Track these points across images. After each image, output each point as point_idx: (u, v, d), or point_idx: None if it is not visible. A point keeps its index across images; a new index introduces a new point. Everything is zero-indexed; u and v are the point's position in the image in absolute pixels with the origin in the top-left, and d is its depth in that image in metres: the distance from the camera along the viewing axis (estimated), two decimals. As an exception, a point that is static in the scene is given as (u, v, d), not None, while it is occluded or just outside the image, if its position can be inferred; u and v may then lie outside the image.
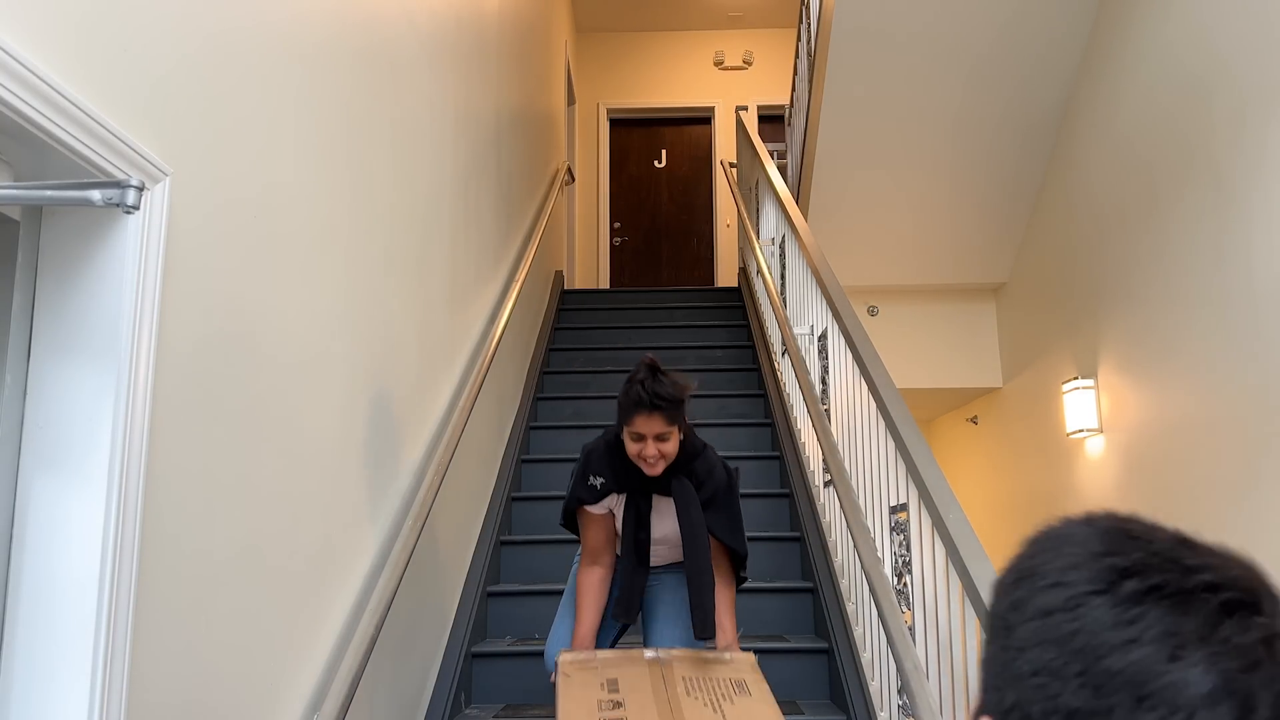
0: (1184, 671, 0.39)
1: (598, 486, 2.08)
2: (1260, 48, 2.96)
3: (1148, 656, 0.40)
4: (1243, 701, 0.39)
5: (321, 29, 1.76)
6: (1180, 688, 0.39)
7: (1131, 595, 0.41)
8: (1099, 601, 0.42)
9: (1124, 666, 0.40)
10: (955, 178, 4.78)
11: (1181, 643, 0.40)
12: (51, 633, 1.03)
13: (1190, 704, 0.39)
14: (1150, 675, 0.39)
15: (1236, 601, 0.41)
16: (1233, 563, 0.43)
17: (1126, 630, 0.40)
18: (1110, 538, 0.45)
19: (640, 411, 1.94)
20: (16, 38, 0.94)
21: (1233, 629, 0.40)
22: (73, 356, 1.08)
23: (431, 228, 2.58)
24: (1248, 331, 3.04)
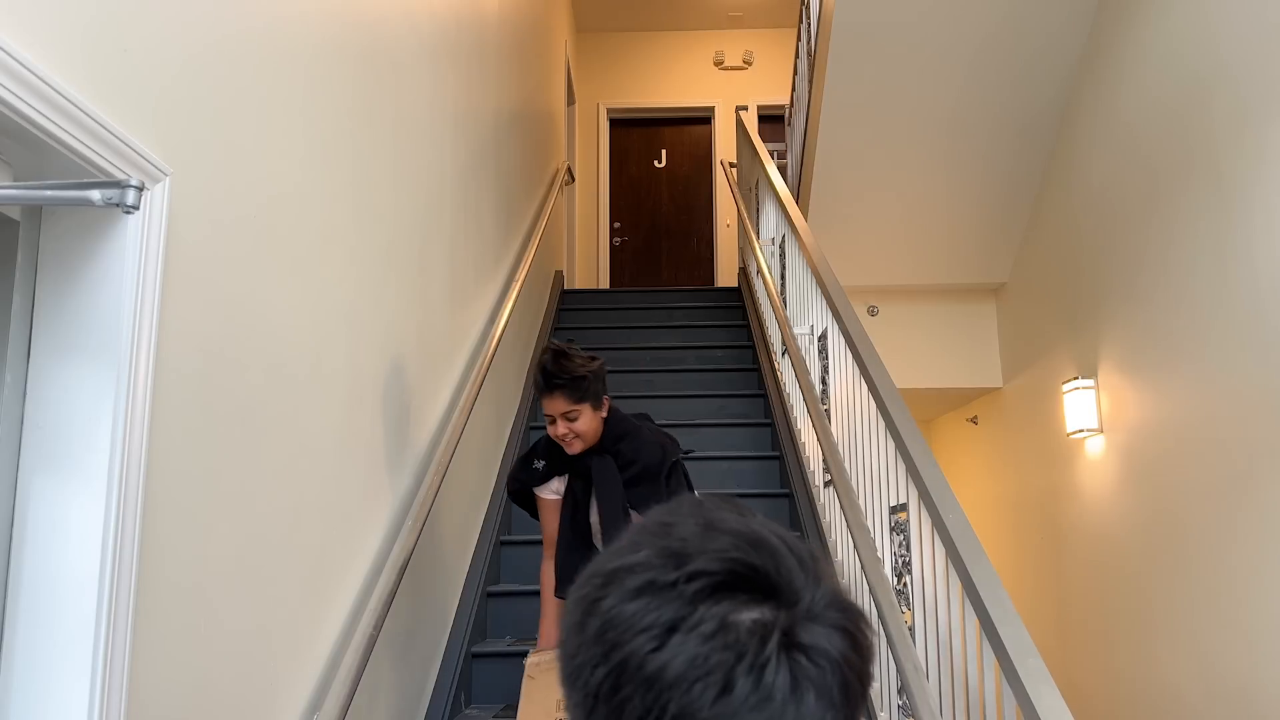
0: (663, 656, 0.42)
1: (539, 469, 2.16)
2: (1262, 46, 2.96)
3: (636, 649, 0.42)
4: (717, 682, 0.41)
5: (322, 29, 1.76)
6: (660, 671, 0.41)
7: (629, 592, 0.44)
8: (608, 601, 0.44)
9: (621, 660, 0.43)
10: (955, 177, 4.78)
11: (660, 632, 0.42)
12: (51, 632, 1.03)
13: (667, 688, 0.41)
14: (638, 666, 0.42)
15: (723, 584, 0.43)
16: (746, 541, 0.45)
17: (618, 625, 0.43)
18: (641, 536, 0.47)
19: (543, 394, 2.03)
20: (16, 38, 0.94)
21: (707, 613, 0.42)
22: (73, 356, 1.08)
23: (431, 228, 2.58)
24: (1249, 332, 3.04)
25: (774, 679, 0.41)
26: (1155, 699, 3.61)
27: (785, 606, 0.44)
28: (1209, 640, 3.25)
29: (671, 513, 0.49)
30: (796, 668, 0.42)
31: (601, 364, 2.11)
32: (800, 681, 0.42)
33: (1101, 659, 4.09)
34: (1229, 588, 3.15)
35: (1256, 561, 3.00)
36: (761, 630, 0.42)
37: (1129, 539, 3.84)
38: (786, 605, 0.44)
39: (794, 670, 0.42)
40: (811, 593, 0.45)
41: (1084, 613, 4.29)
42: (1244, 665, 3.06)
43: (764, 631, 0.42)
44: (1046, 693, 1.40)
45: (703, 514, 0.48)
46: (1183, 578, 3.42)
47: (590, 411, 2.06)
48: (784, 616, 0.43)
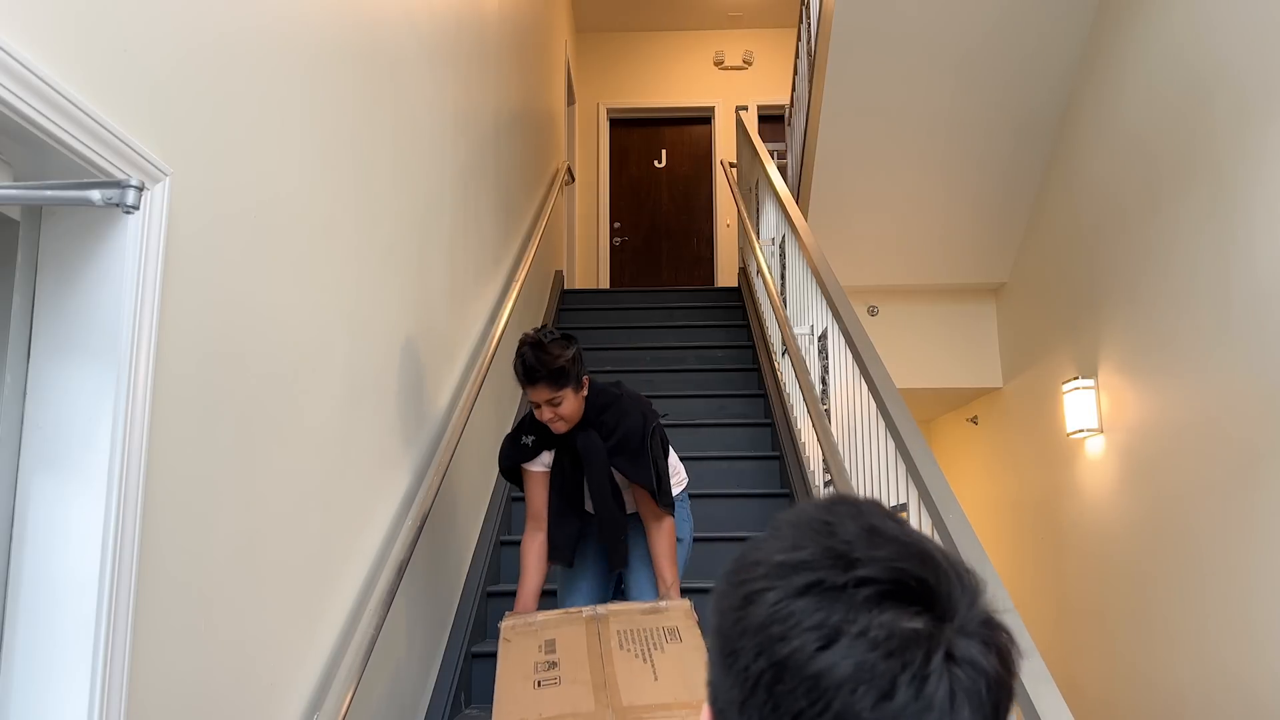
0: (826, 659, 0.43)
1: (529, 444, 2.27)
2: (1262, 47, 2.96)
3: (802, 646, 0.44)
4: (881, 688, 0.42)
5: (322, 29, 1.76)
6: (823, 675, 0.43)
7: (795, 590, 0.45)
8: (770, 597, 0.46)
9: (785, 655, 0.44)
10: (956, 177, 4.78)
11: (829, 634, 0.44)
12: (51, 632, 1.03)
13: (831, 691, 0.43)
14: (803, 663, 0.44)
15: (888, 593, 0.45)
16: (908, 552, 0.47)
17: (782, 622, 0.45)
18: (800, 531, 0.48)
19: (525, 384, 2.14)
20: (16, 38, 0.94)
21: (874, 620, 0.44)
22: (73, 356, 1.08)
23: (431, 228, 2.58)
24: (1249, 332, 3.04)
25: (935, 690, 0.43)
26: (1155, 698, 3.61)
27: (945, 620, 0.45)
28: (1209, 639, 3.25)
29: (830, 511, 0.50)
30: (955, 680, 0.44)
31: (577, 348, 2.19)
32: (957, 694, 0.44)
33: (1101, 658, 4.09)
34: (1229, 587, 3.15)
35: (1257, 561, 3.00)
36: (926, 642, 0.44)
37: (1129, 539, 3.84)
38: (946, 618, 0.45)
39: (953, 683, 0.44)
40: (968, 608, 0.46)
41: (1084, 612, 4.29)
42: (1244, 664, 3.06)
43: (929, 643, 0.44)
44: (1046, 693, 1.40)
45: (864, 518, 0.49)
46: (1183, 577, 3.42)
47: (572, 394, 2.16)
48: (943, 631, 0.45)
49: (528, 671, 1.93)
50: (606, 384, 2.34)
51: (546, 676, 1.91)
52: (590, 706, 1.82)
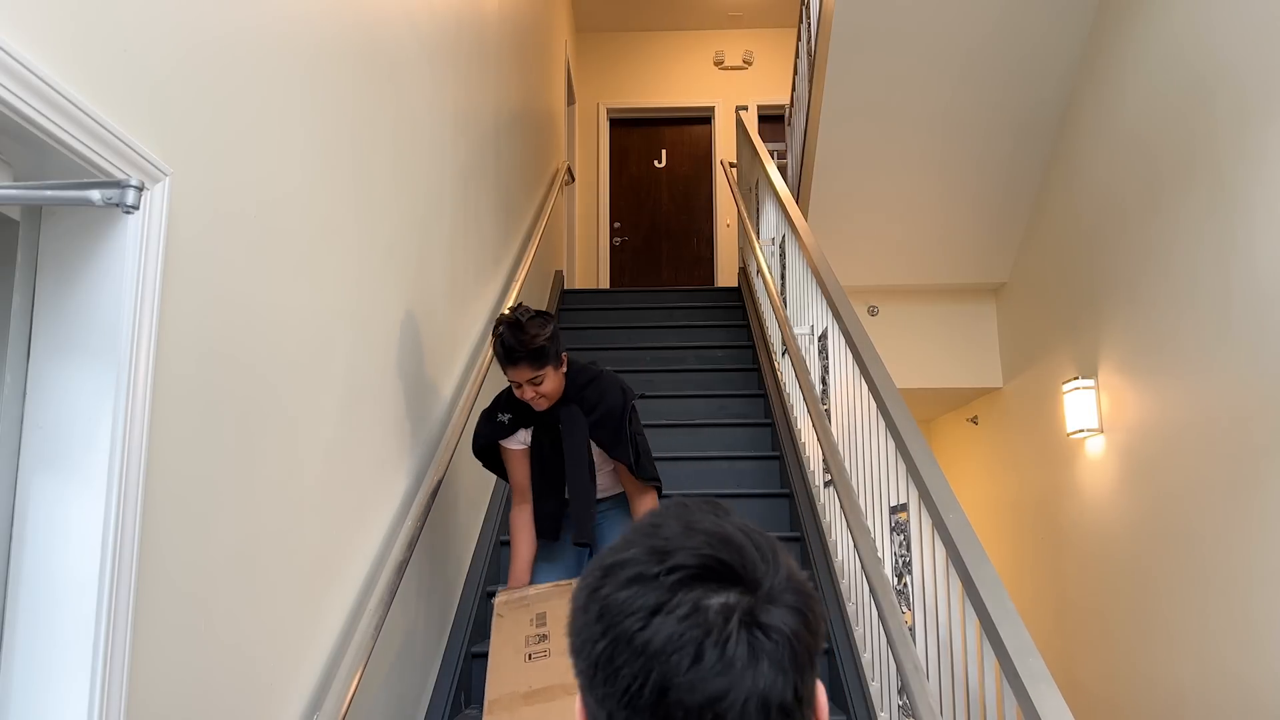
0: (647, 634, 0.52)
1: (505, 422, 2.28)
2: (1263, 48, 2.96)
3: (628, 626, 0.53)
4: (690, 653, 0.51)
5: (322, 29, 1.76)
6: (645, 646, 0.52)
7: (622, 582, 0.55)
8: (606, 590, 0.55)
9: (616, 635, 0.53)
10: (956, 177, 4.78)
11: (646, 614, 0.53)
12: (51, 632, 1.03)
13: (652, 657, 0.52)
14: (629, 638, 0.53)
15: (695, 576, 0.54)
16: (718, 540, 0.56)
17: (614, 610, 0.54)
18: (632, 535, 0.58)
19: (505, 365, 2.15)
20: (16, 38, 0.94)
21: (683, 599, 0.53)
22: (73, 356, 1.08)
23: (431, 228, 2.58)
24: (1249, 332, 3.04)
25: (735, 650, 0.52)
26: (1156, 698, 3.61)
27: (749, 592, 0.54)
28: (1209, 639, 3.25)
29: (659, 516, 0.59)
30: (754, 641, 0.52)
31: (554, 325, 2.21)
32: (757, 652, 0.52)
33: (1102, 658, 4.09)
34: (1229, 587, 3.15)
35: (1257, 561, 3.00)
36: (726, 612, 0.53)
37: (1129, 539, 3.84)
38: (750, 591, 0.54)
39: (752, 643, 0.52)
40: (771, 580, 0.55)
41: (1084, 612, 4.29)
42: (1244, 664, 3.06)
43: (728, 613, 0.53)
44: (1046, 693, 1.40)
45: (685, 516, 0.58)
46: (1183, 577, 3.43)
47: (553, 372, 2.18)
48: (746, 600, 0.54)
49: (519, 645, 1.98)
50: (585, 363, 2.37)
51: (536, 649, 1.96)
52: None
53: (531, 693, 1.86)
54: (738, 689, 0.52)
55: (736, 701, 0.51)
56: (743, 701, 0.52)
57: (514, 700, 1.84)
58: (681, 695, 0.52)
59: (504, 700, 1.85)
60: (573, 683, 1.75)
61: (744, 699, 0.52)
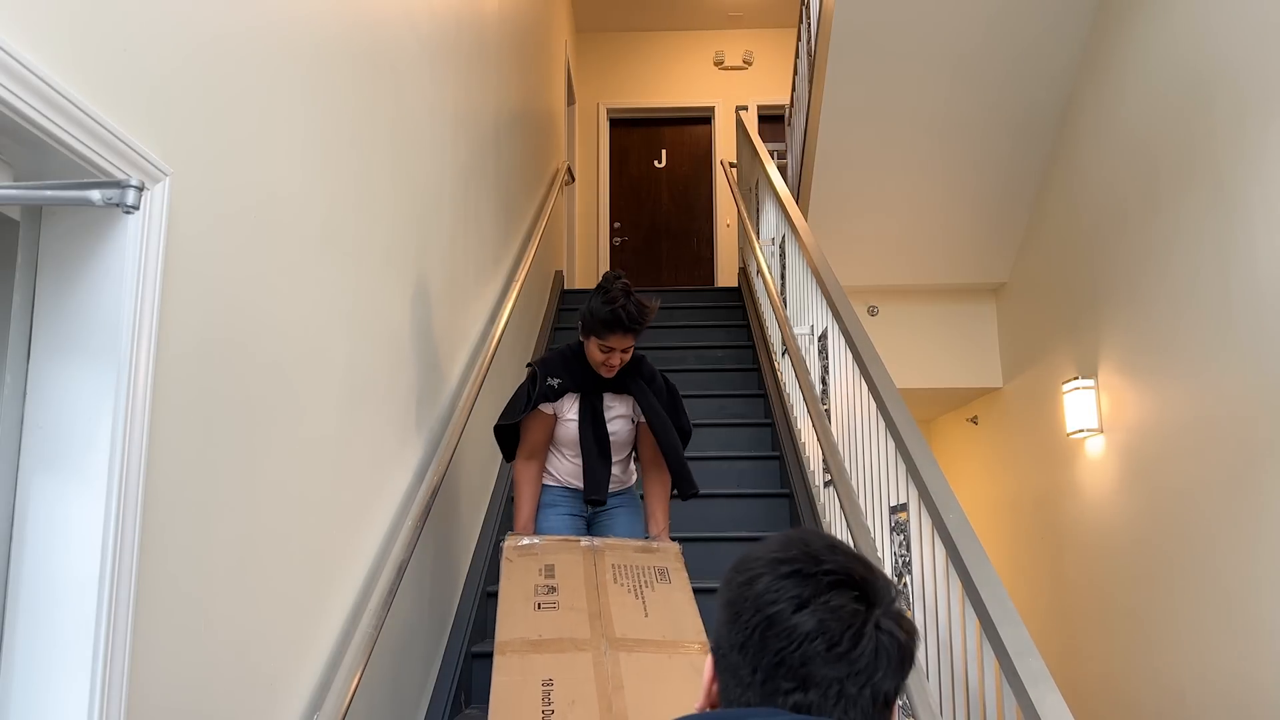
0: (799, 618, 0.68)
1: (555, 386, 2.36)
2: (1262, 48, 2.96)
3: (784, 608, 0.69)
4: (830, 638, 0.67)
5: (322, 29, 1.76)
6: (796, 627, 0.68)
7: (782, 574, 0.70)
8: (765, 578, 0.71)
9: (774, 614, 0.69)
10: (955, 177, 4.78)
11: (801, 602, 0.68)
12: (51, 633, 1.03)
13: (800, 637, 0.67)
14: (784, 619, 0.68)
15: (840, 582, 0.69)
16: (854, 561, 0.71)
17: (773, 593, 0.70)
18: (784, 542, 0.74)
19: (619, 330, 2.26)
20: (16, 37, 0.94)
21: (832, 597, 0.68)
22: (73, 356, 1.08)
23: (431, 228, 2.58)
24: (1249, 332, 3.04)
25: (865, 644, 0.67)
26: (1155, 698, 3.61)
27: (874, 605, 0.70)
28: (1209, 640, 3.25)
29: (803, 534, 0.75)
30: (879, 640, 0.68)
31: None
32: (879, 649, 0.68)
33: (1101, 659, 4.09)
34: (1228, 587, 3.15)
35: (1256, 561, 3.00)
36: (862, 614, 0.68)
37: (1129, 539, 3.84)
38: (875, 604, 0.70)
39: (877, 642, 0.68)
40: (889, 600, 0.71)
41: (1084, 613, 4.29)
42: (1244, 664, 3.06)
43: (864, 615, 0.68)
44: (1046, 693, 1.40)
45: (825, 539, 0.74)
46: (1182, 577, 3.43)
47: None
48: (874, 611, 0.69)
49: (528, 593, 2.05)
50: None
51: (546, 600, 2.03)
52: (586, 634, 1.95)
53: (541, 641, 1.92)
54: (861, 675, 0.67)
55: (858, 684, 0.67)
56: (861, 685, 0.67)
57: (524, 645, 1.91)
58: (820, 669, 0.67)
59: (514, 644, 1.91)
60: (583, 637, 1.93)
61: (863, 683, 0.67)
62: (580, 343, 2.41)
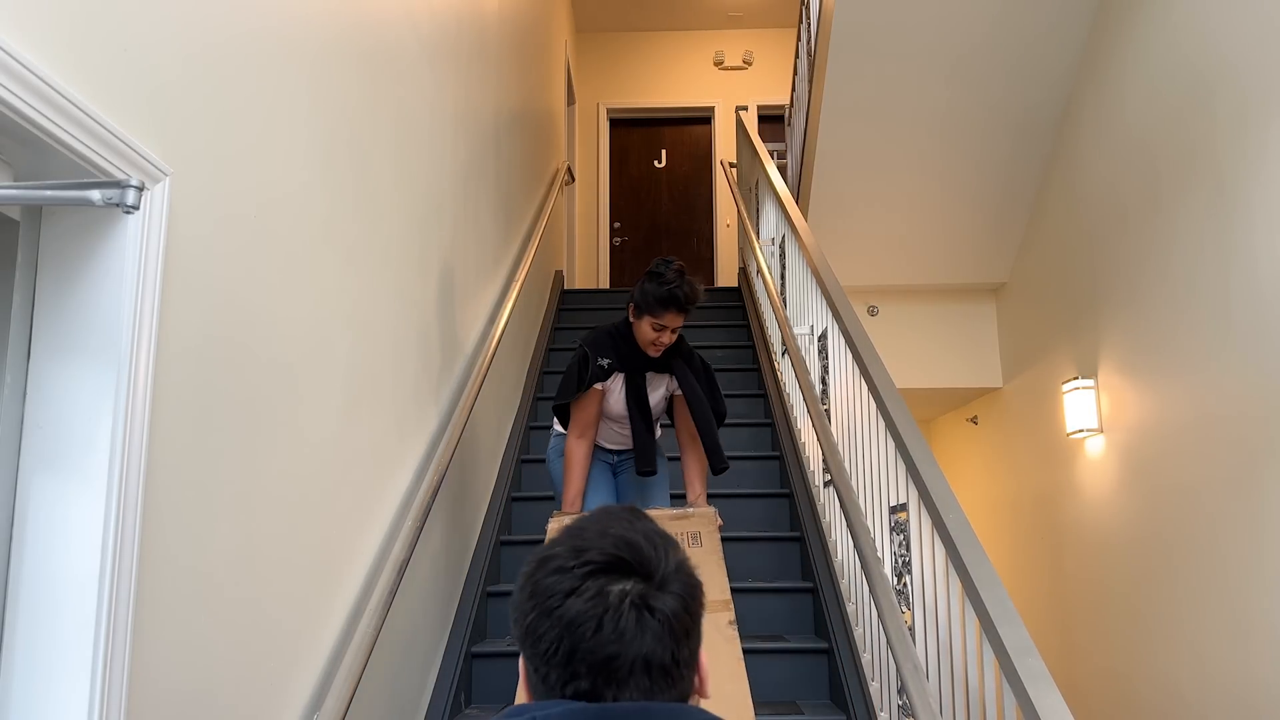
0: (563, 610, 0.72)
1: (605, 366, 2.50)
2: (1263, 47, 2.96)
3: (550, 602, 0.73)
4: (593, 625, 0.71)
5: (323, 29, 1.76)
6: (563, 614, 0.72)
7: (548, 572, 0.75)
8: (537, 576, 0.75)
9: (543, 610, 0.73)
10: (955, 177, 4.78)
11: (563, 595, 0.73)
12: (51, 632, 1.03)
13: (565, 625, 0.72)
14: (551, 612, 0.73)
15: (601, 569, 0.73)
16: (622, 542, 0.75)
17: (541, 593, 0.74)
18: (561, 536, 0.78)
19: (673, 308, 2.42)
20: (16, 38, 0.94)
21: (589, 585, 0.73)
22: (73, 356, 1.08)
23: (431, 228, 2.58)
24: (1249, 332, 3.04)
25: (625, 624, 0.71)
26: (1154, 698, 3.61)
27: (643, 581, 0.74)
28: (1208, 639, 3.26)
29: (584, 521, 0.78)
30: (641, 618, 0.72)
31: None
32: (643, 627, 0.72)
33: (1101, 658, 4.09)
34: (1228, 587, 3.15)
35: (1255, 561, 3.00)
36: (622, 596, 0.72)
37: (1129, 539, 3.84)
38: (644, 580, 0.74)
39: (640, 620, 0.72)
40: (661, 573, 0.75)
41: (1084, 612, 4.29)
42: (1243, 664, 3.06)
43: (623, 597, 0.72)
44: (1046, 693, 1.40)
45: (604, 522, 0.77)
46: (1182, 577, 3.43)
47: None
48: (640, 588, 0.73)
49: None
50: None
51: None
52: None
53: None
54: (626, 652, 0.71)
55: (626, 661, 0.71)
56: (630, 661, 0.71)
57: None
58: (585, 655, 0.71)
59: None
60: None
61: (631, 659, 0.71)
62: (626, 323, 2.54)
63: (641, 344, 2.50)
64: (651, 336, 2.47)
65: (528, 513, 3.59)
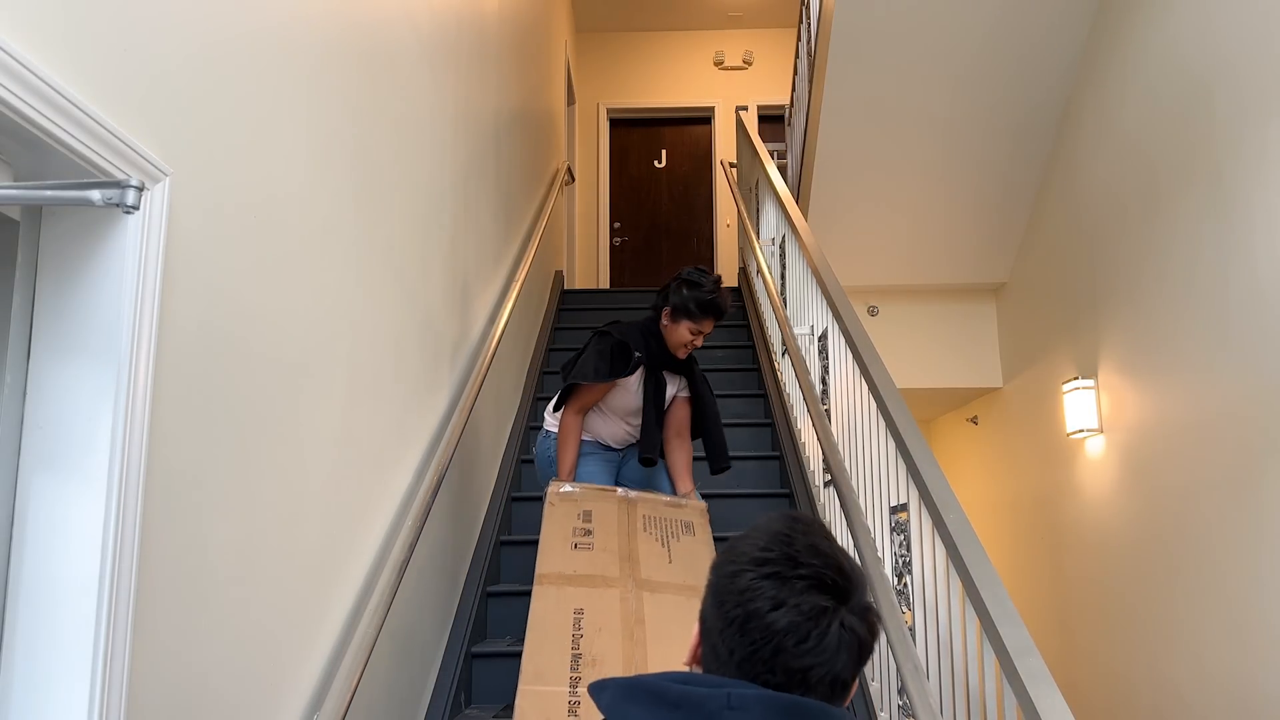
0: (774, 616, 0.78)
1: (637, 359, 2.63)
2: (1262, 47, 2.96)
3: (762, 606, 0.79)
4: (799, 635, 0.77)
5: (323, 29, 1.76)
6: (771, 624, 0.78)
7: (762, 574, 0.80)
8: (748, 575, 0.80)
9: (752, 610, 0.79)
10: (956, 178, 4.78)
11: (777, 603, 0.78)
12: (51, 633, 1.03)
13: (774, 634, 0.78)
14: (762, 615, 0.78)
15: (813, 586, 0.79)
16: (829, 564, 0.81)
17: (753, 591, 0.79)
18: (769, 538, 0.83)
19: (713, 315, 2.60)
20: (16, 37, 0.94)
21: (804, 600, 0.78)
22: (73, 356, 1.08)
23: (431, 228, 2.58)
24: (1249, 332, 3.04)
25: (829, 640, 0.78)
26: (1155, 698, 3.61)
27: (843, 603, 0.80)
28: (1209, 639, 3.25)
29: (790, 527, 0.84)
30: (841, 637, 0.78)
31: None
32: (841, 643, 0.78)
33: (1101, 658, 4.09)
34: (1228, 587, 3.15)
35: (1256, 561, 3.00)
36: (829, 614, 0.78)
37: (1129, 539, 3.84)
38: (843, 603, 0.80)
39: (840, 637, 0.78)
40: (858, 598, 0.81)
41: (1084, 612, 4.29)
42: (1243, 664, 3.06)
43: (830, 615, 0.78)
44: (1046, 692, 1.40)
45: (809, 537, 0.83)
46: (1182, 577, 3.43)
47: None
48: (841, 609, 0.79)
49: (567, 534, 2.28)
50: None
51: (582, 541, 2.26)
52: (615, 573, 2.18)
53: (575, 576, 2.15)
54: (823, 666, 0.78)
55: (820, 674, 0.78)
56: (823, 675, 0.78)
57: (560, 579, 2.14)
58: (789, 661, 0.78)
59: (551, 577, 2.14)
60: (612, 575, 2.18)
61: (824, 673, 0.78)
62: (655, 323, 2.69)
63: (672, 346, 2.65)
64: (686, 339, 2.63)
65: (528, 513, 3.59)
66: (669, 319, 2.64)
